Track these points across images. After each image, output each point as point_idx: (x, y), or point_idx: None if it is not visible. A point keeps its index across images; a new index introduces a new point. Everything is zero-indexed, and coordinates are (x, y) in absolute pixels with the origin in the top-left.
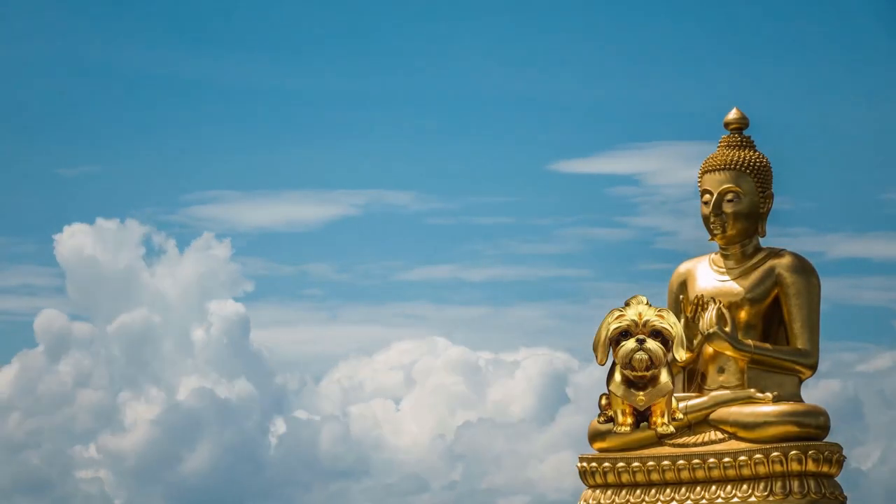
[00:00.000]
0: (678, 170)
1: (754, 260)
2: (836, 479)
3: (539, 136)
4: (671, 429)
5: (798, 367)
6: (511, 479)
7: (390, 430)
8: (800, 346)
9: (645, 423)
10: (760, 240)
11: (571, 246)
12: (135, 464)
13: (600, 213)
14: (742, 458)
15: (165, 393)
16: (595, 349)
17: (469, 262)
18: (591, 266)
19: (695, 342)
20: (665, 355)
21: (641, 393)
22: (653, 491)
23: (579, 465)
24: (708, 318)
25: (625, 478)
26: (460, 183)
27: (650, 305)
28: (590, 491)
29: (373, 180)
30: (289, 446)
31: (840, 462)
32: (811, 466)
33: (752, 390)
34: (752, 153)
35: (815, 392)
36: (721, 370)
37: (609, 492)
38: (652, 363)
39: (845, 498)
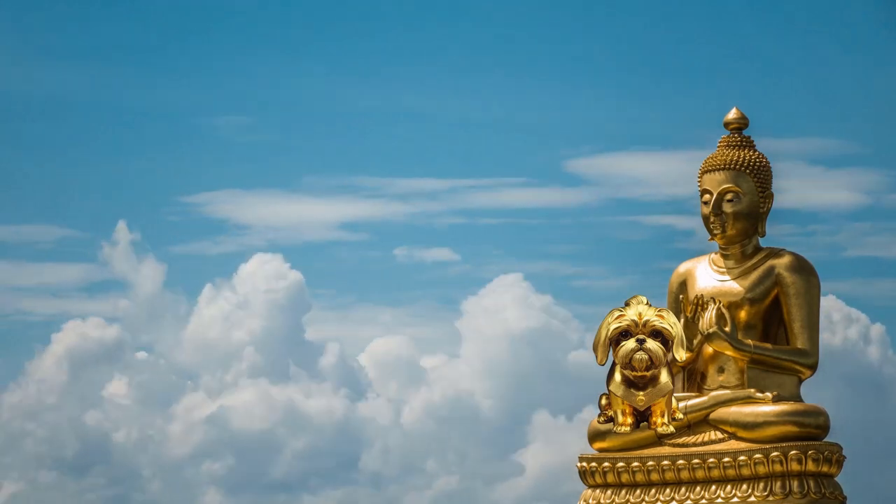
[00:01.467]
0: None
1: (754, 260)
2: (836, 478)
3: (555, 136)
4: (671, 429)
5: (798, 367)
6: None
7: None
8: (800, 346)
9: (645, 423)
10: (760, 240)
11: (587, 245)
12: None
13: (616, 213)
14: (742, 458)
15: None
16: (595, 349)
17: (482, 260)
18: (606, 265)
19: (695, 342)
20: (665, 355)
21: (641, 393)
22: (653, 491)
23: (579, 464)
24: (708, 317)
25: (625, 478)
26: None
27: (650, 305)
28: (590, 491)
29: (383, 179)
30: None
31: (840, 462)
32: (811, 466)
33: (752, 390)
34: (751, 153)
35: None
36: (721, 370)
37: (609, 492)
38: (652, 363)
39: (845, 498)
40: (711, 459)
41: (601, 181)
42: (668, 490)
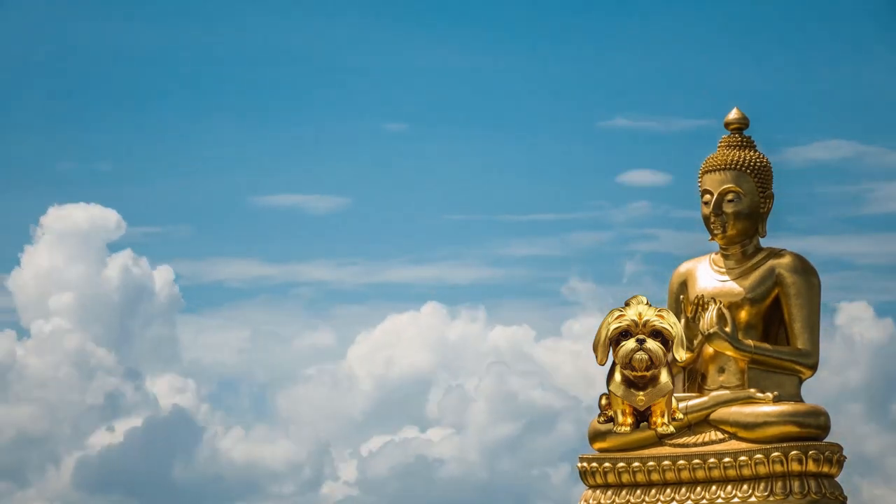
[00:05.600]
0: (666, 172)
1: (754, 260)
2: (837, 479)
3: (532, 136)
4: (671, 429)
5: (798, 368)
6: None
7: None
8: (800, 347)
9: (645, 423)
10: (760, 240)
11: (557, 247)
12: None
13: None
14: (742, 458)
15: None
16: (595, 349)
17: (456, 261)
18: (573, 267)
19: (695, 342)
20: (665, 355)
21: (641, 393)
22: (653, 491)
23: (579, 465)
24: (708, 318)
25: (625, 478)
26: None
27: (650, 305)
28: (590, 491)
29: (363, 178)
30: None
31: (840, 462)
32: (811, 467)
33: (753, 390)
34: (752, 153)
35: None
36: (721, 370)
37: (609, 492)
38: (652, 363)
39: (845, 498)
40: (712, 460)
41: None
42: (668, 490)
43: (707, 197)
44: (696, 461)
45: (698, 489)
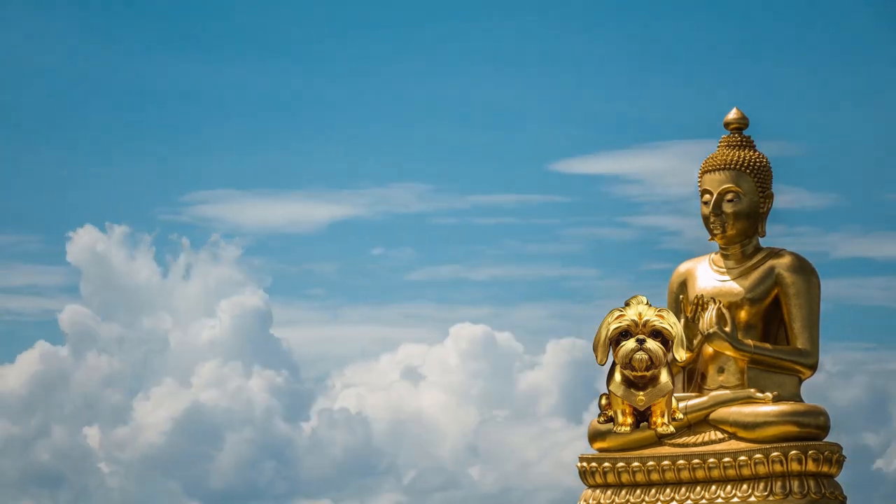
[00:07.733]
0: (682, 169)
1: (754, 260)
2: (836, 479)
3: (544, 136)
4: (671, 429)
5: (798, 367)
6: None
7: (413, 426)
8: (800, 346)
9: (645, 423)
10: (760, 240)
11: (576, 246)
12: (153, 462)
13: (605, 214)
14: (742, 458)
15: (182, 390)
16: (595, 349)
17: (473, 262)
18: (595, 266)
19: (695, 342)
20: (665, 355)
21: (641, 393)
22: (653, 491)
23: (579, 464)
24: (708, 318)
25: (625, 478)
26: (465, 183)
27: (650, 305)
28: (590, 491)
29: (377, 180)
30: (312, 444)
31: (840, 462)
32: (811, 466)
33: (752, 390)
34: (752, 153)
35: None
36: (721, 370)
37: (609, 492)
38: (652, 363)
39: (845, 498)
40: (711, 459)
41: (592, 181)
42: (668, 490)
43: (706, 197)
44: (696, 461)
45: (698, 489)
